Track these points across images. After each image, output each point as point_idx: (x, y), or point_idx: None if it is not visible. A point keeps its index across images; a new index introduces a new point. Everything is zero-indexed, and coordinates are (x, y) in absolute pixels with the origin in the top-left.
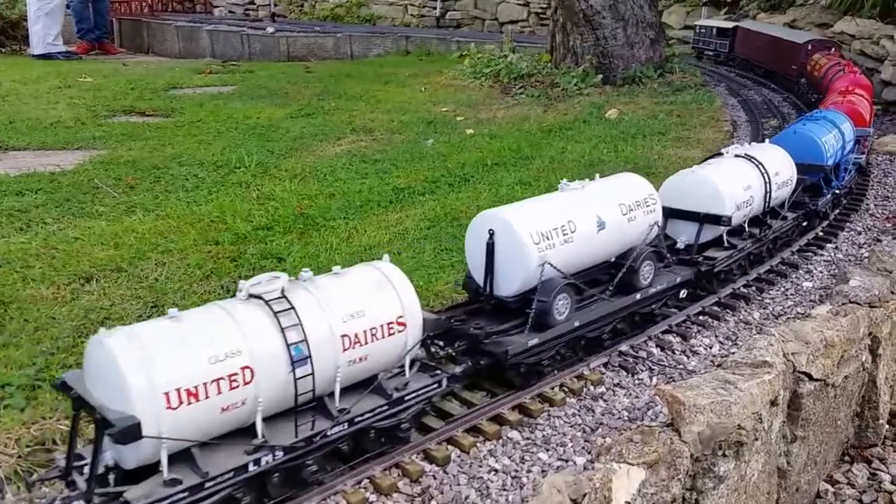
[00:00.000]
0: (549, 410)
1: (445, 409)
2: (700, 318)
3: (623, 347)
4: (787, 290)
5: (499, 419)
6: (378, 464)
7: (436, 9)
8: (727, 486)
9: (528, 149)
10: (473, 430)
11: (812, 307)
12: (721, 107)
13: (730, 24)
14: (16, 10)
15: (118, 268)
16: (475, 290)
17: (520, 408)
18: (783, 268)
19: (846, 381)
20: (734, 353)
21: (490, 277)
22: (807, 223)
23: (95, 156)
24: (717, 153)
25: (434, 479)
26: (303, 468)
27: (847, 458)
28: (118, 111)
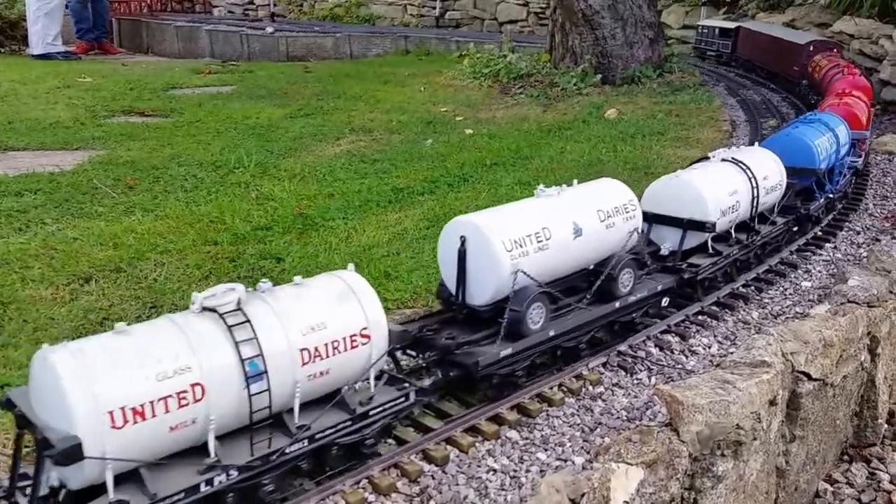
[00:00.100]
0: (548, 410)
1: (444, 410)
2: (699, 318)
3: (622, 347)
4: (786, 290)
5: (497, 419)
6: (377, 464)
7: (435, 8)
8: (726, 486)
9: (528, 149)
10: (472, 430)
11: (811, 307)
12: (720, 106)
13: (732, 25)
14: (15, 10)
15: (117, 268)
16: (448, 299)
17: (518, 408)
18: (782, 267)
19: (845, 381)
20: (733, 353)
21: (462, 285)
22: (798, 228)
23: (94, 156)
24: (704, 157)
25: (433, 479)
26: (259, 488)
27: (846, 458)
28: (117, 111)
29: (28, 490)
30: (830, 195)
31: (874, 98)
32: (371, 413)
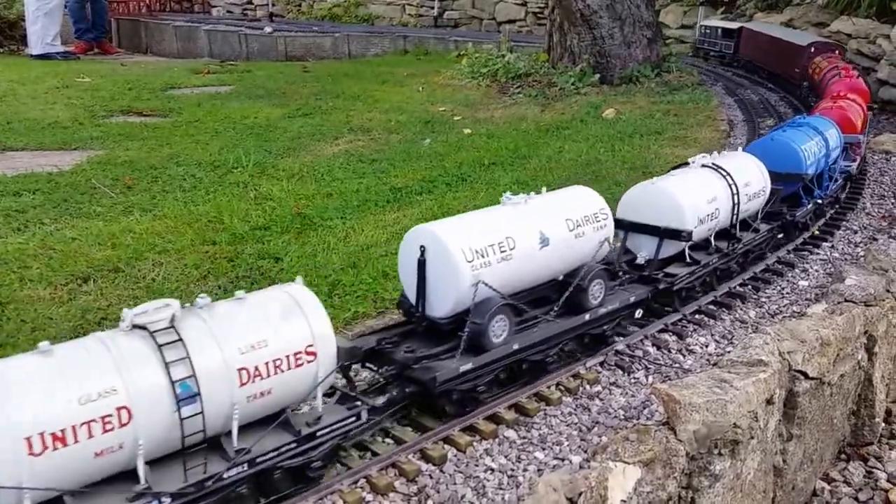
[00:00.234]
0: (546, 409)
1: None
2: (696, 317)
3: (619, 346)
4: (783, 289)
5: (495, 418)
6: (375, 463)
7: (433, 8)
8: (723, 485)
9: (526, 148)
10: (470, 430)
11: (808, 306)
12: (718, 106)
13: (735, 25)
14: (13, 10)
15: (115, 268)
16: (409, 310)
17: (516, 407)
18: (779, 266)
19: (842, 380)
20: (730, 352)
21: (422, 297)
22: (784, 235)
23: (93, 156)
24: (684, 163)
25: (430, 479)
26: None
27: (843, 457)
28: (116, 111)
29: None
30: (819, 201)
31: (872, 98)
32: (318, 434)
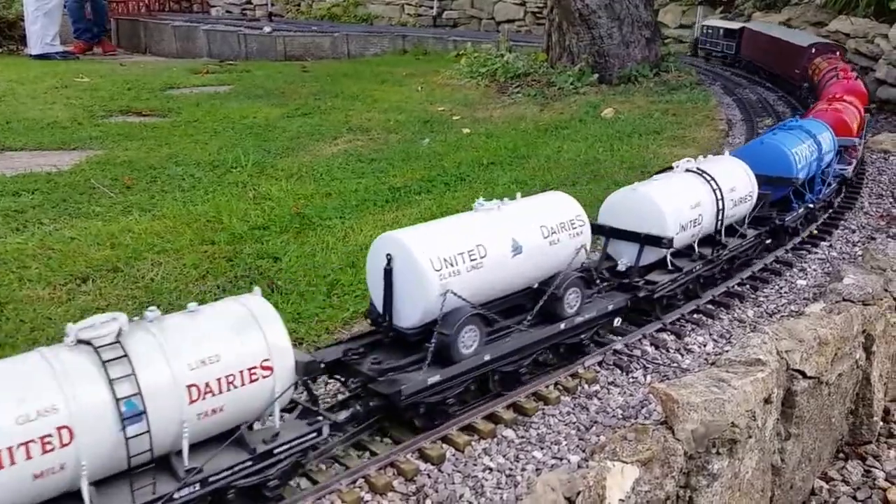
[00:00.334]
0: (544, 409)
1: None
2: (694, 317)
3: (618, 346)
4: (781, 289)
5: (493, 418)
6: (373, 463)
7: (432, 8)
8: (721, 484)
9: (525, 148)
10: (468, 429)
11: (806, 305)
12: (716, 105)
13: (737, 25)
14: (13, 10)
15: (114, 268)
16: (377, 320)
17: (514, 406)
18: (777, 266)
19: (840, 379)
20: (728, 352)
21: (389, 306)
22: (772, 240)
23: (92, 156)
24: (668, 167)
25: (429, 478)
26: None
27: (841, 456)
28: (115, 111)
29: None
30: (810, 205)
31: (870, 97)
32: (276, 451)
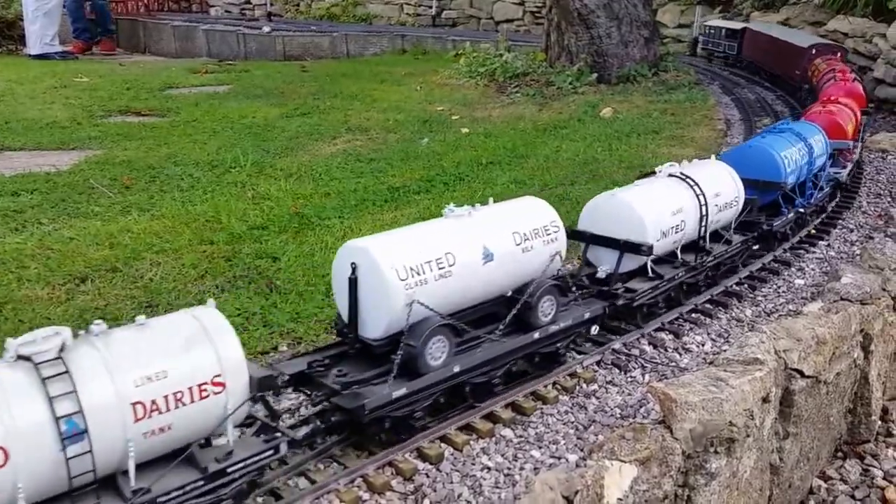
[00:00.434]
0: (542, 408)
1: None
2: (692, 316)
3: (616, 345)
4: (780, 288)
5: (492, 417)
6: (371, 462)
7: (431, 8)
8: (719, 483)
9: (523, 148)
10: (467, 429)
11: (804, 304)
12: (714, 105)
13: (739, 25)
14: (12, 10)
15: (113, 268)
16: (342, 331)
17: (513, 406)
18: (775, 265)
19: (838, 378)
20: (726, 351)
21: (355, 317)
22: (761, 246)
23: (91, 156)
24: (651, 172)
25: (427, 478)
26: None
27: (840, 455)
28: (114, 111)
29: None
30: (801, 210)
31: (868, 96)
32: (229, 470)
